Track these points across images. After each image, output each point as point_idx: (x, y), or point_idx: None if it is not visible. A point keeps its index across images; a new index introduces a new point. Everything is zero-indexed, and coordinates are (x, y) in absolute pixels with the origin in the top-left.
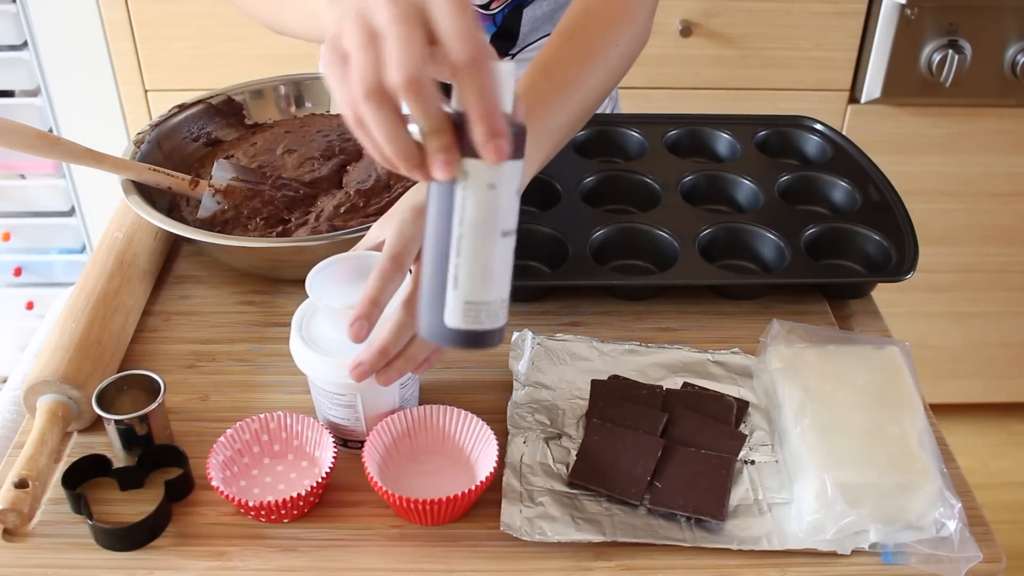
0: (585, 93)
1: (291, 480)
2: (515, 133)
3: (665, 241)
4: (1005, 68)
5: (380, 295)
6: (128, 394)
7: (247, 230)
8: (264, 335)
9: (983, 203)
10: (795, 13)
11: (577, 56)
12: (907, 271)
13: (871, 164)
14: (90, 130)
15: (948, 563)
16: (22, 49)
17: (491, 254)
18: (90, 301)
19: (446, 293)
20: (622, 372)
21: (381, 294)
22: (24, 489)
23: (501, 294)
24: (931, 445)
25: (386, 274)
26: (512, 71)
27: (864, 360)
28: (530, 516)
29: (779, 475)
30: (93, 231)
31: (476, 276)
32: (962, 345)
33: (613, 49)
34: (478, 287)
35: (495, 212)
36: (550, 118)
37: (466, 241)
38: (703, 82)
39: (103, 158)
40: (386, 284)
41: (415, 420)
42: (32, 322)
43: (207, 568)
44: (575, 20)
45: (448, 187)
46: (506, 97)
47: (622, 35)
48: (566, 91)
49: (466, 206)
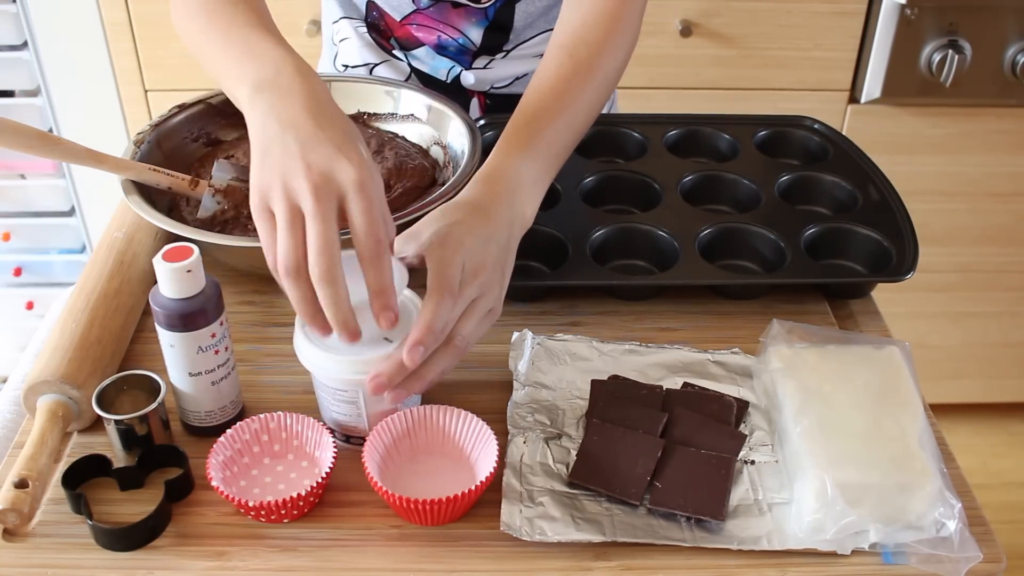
0: (587, 112)
1: (291, 480)
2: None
3: (665, 241)
4: (1005, 68)
5: (442, 325)
6: (128, 394)
7: (247, 230)
8: (264, 335)
9: (983, 203)
10: (795, 13)
11: (579, 74)
12: (907, 271)
13: (871, 164)
14: (90, 130)
15: (948, 563)
16: (22, 49)
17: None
18: (90, 301)
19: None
20: (622, 372)
21: (443, 325)
22: (24, 489)
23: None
24: (931, 445)
25: (444, 306)
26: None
27: (864, 360)
28: (530, 516)
29: (779, 475)
30: (93, 231)
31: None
32: (962, 345)
33: (611, 64)
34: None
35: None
36: (558, 140)
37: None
38: (703, 82)
39: (103, 158)
40: (447, 314)
41: (415, 420)
42: (32, 322)
43: (207, 568)
44: (574, 35)
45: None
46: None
47: (619, 47)
48: (570, 110)
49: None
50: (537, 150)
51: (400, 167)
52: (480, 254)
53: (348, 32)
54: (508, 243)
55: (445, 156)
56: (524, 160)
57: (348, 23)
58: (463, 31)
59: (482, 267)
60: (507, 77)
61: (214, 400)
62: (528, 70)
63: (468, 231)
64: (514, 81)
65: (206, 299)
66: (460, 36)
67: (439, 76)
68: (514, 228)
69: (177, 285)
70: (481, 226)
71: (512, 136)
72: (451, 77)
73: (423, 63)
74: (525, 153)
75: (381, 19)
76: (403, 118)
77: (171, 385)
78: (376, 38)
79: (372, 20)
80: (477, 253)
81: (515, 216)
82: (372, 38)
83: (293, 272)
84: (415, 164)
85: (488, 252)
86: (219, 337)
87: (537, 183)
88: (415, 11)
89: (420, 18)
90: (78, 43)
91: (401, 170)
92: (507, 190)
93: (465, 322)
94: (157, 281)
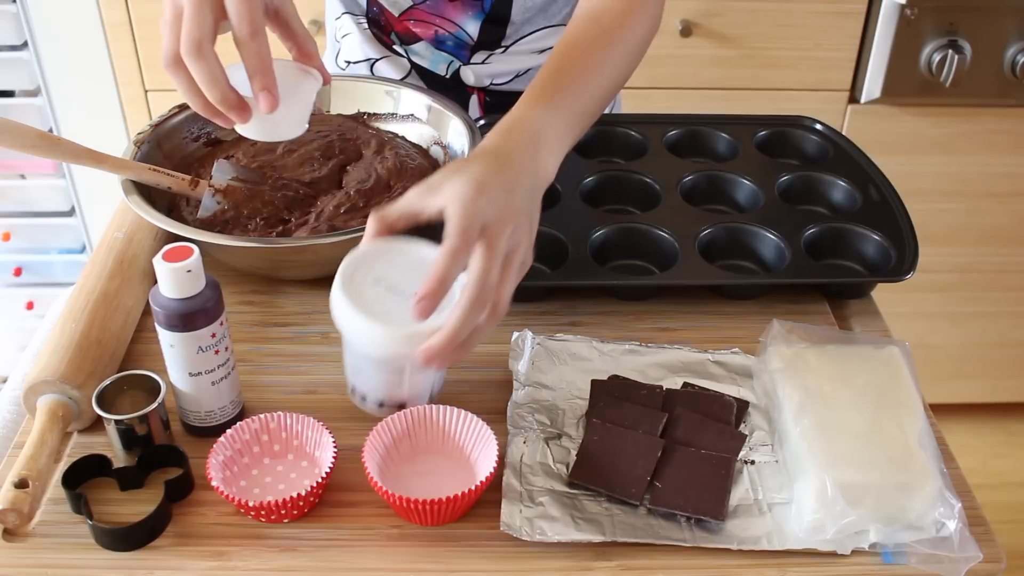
0: (610, 77)
1: (291, 480)
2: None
3: (665, 241)
4: (1005, 68)
5: (449, 273)
6: (128, 394)
7: (247, 230)
8: (264, 335)
9: (983, 203)
10: (795, 13)
11: (603, 38)
12: (907, 271)
13: (871, 164)
14: (90, 130)
15: (948, 563)
16: (22, 49)
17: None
18: (90, 301)
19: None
20: (622, 372)
21: (451, 273)
22: (24, 489)
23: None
24: (931, 445)
25: (457, 251)
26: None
27: (864, 360)
28: (530, 516)
29: (779, 475)
30: (93, 231)
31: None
32: (962, 345)
33: (635, 33)
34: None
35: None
36: (582, 97)
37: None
38: (703, 82)
39: (103, 158)
40: (456, 262)
41: (415, 420)
42: (32, 322)
43: (207, 568)
44: (599, 5)
45: None
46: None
47: (643, 19)
48: (596, 70)
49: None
50: (560, 104)
51: (400, 167)
52: (505, 202)
53: (350, 28)
54: (532, 192)
55: (445, 156)
56: (547, 111)
57: (350, 19)
58: (460, 24)
59: (508, 216)
60: (507, 73)
61: (214, 400)
62: (528, 66)
63: (491, 178)
64: (514, 78)
65: (206, 299)
66: (457, 29)
67: (438, 71)
68: (538, 179)
69: (177, 285)
70: (504, 174)
71: (535, 89)
72: (450, 72)
73: (422, 58)
74: (548, 105)
75: (381, 14)
76: (403, 118)
77: (171, 385)
78: (377, 33)
79: (373, 15)
80: (502, 201)
81: (538, 167)
82: (373, 33)
83: (172, 64)
84: (415, 164)
85: (512, 201)
86: (219, 337)
87: (561, 137)
88: (412, 6)
89: (417, 13)
90: (78, 43)
91: (401, 170)
92: (529, 139)
93: (506, 281)
94: (157, 281)
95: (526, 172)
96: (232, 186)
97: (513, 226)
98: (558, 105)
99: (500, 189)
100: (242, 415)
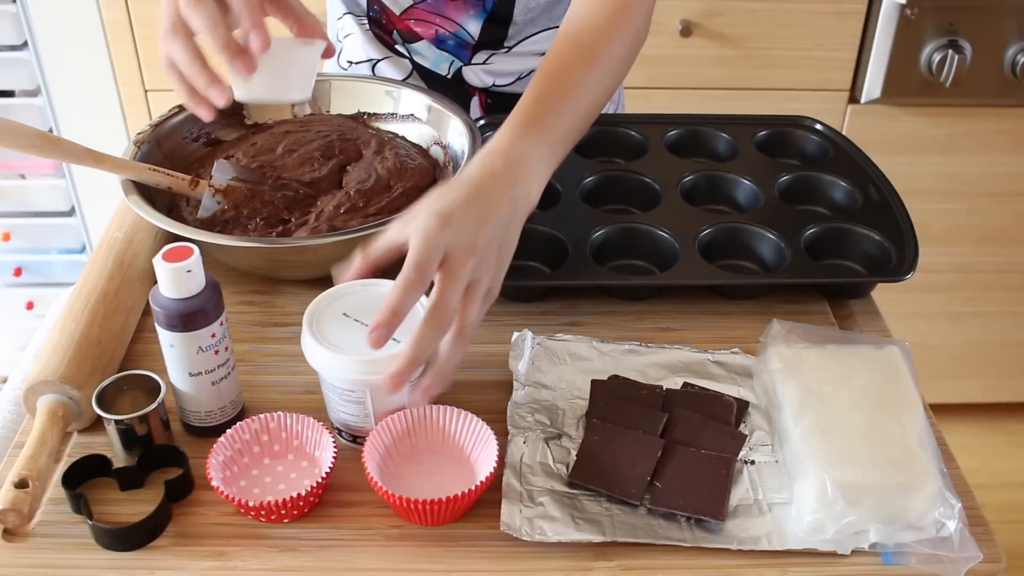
0: (592, 96)
1: (291, 480)
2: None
3: (665, 241)
4: (1005, 68)
5: (402, 304)
6: (128, 394)
7: (247, 230)
8: (264, 335)
9: (983, 203)
10: (795, 13)
11: (583, 59)
12: (907, 271)
13: (871, 164)
14: (90, 130)
15: (948, 563)
16: (22, 49)
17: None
18: (90, 301)
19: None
20: (622, 372)
21: (403, 304)
22: (24, 489)
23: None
24: (931, 445)
25: (410, 284)
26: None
27: (864, 360)
28: (530, 516)
29: (779, 475)
30: (93, 231)
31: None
32: (962, 345)
33: (616, 50)
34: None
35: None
36: (562, 121)
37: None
38: (703, 82)
39: (103, 158)
40: (409, 294)
41: (415, 420)
42: (32, 322)
43: (207, 568)
44: (579, 22)
45: None
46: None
47: (625, 34)
48: (575, 93)
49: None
50: (541, 129)
51: (400, 167)
52: (471, 235)
53: (352, 28)
54: (508, 223)
55: (445, 156)
56: (527, 137)
57: (352, 19)
58: (461, 24)
59: (473, 249)
60: (509, 74)
61: (214, 400)
62: (531, 68)
63: (460, 211)
64: (516, 80)
65: (206, 299)
66: (457, 29)
67: (440, 71)
68: (517, 206)
69: (177, 285)
70: (477, 206)
71: (516, 116)
72: (451, 72)
73: (424, 58)
74: (529, 131)
75: (382, 13)
76: (403, 118)
77: (171, 385)
78: (378, 33)
79: (374, 14)
80: (468, 234)
81: (518, 193)
82: (375, 33)
83: (172, 30)
84: (415, 164)
85: (480, 233)
86: (219, 337)
87: (542, 161)
88: (413, 5)
89: (417, 12)
90: (78, 43)
91: (401, 170)
92: (509, 167)
93: (469, 308)
94: (157, 281)
95: (503, 203)
96: (232, 186)
97: (476, 260)
98: (538, 128)
99: (469, 221)
100: (242, 415)
